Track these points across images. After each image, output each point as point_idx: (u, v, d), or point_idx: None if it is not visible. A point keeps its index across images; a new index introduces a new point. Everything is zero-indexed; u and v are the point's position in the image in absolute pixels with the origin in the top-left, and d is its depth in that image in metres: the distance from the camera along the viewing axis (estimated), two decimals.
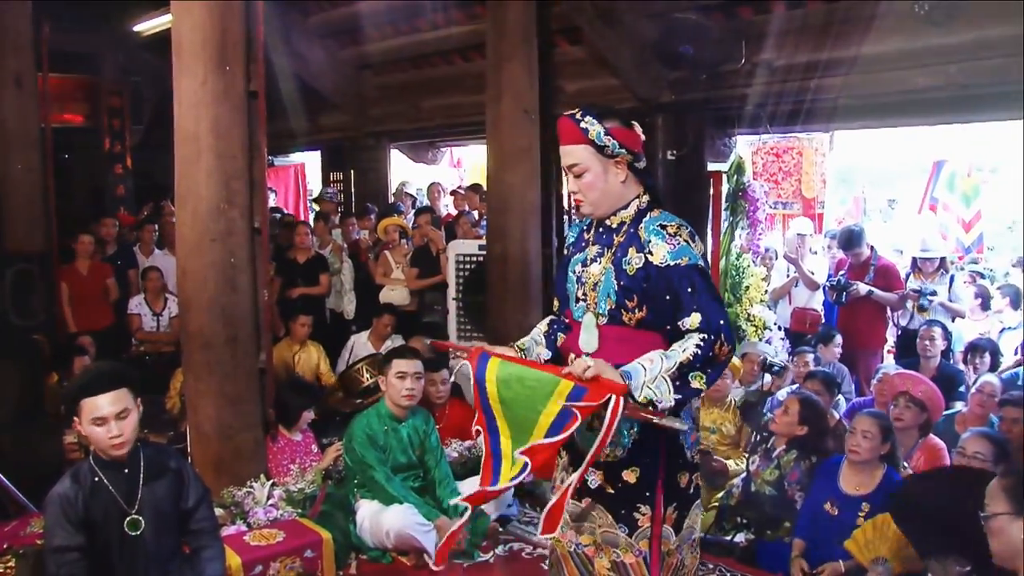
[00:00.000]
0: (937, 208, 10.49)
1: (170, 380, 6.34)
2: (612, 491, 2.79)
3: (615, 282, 2.73)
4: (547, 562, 3.09)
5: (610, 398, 2.46)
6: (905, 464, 4.55)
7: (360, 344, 7.01)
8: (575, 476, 2.58)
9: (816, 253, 7.51)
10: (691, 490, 2.88)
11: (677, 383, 2.54)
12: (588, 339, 2.79)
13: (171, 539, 3.15)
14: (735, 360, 5.54)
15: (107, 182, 10.94)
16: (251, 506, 4.35)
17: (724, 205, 7.09)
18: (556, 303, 3.08)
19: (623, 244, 2.76)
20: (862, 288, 6.47)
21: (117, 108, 10.98)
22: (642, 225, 2.75)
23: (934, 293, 6.41)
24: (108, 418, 2.88)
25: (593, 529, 2.83)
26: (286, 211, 11.68)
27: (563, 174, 2.90)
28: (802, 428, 4.61)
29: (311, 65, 9.55)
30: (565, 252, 3.04)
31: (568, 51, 7.50)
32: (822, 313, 7.13)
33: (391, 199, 10.40)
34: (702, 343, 2.58)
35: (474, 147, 11.20)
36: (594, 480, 2.80)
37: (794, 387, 5.35)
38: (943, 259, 6.73)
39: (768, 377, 5.71)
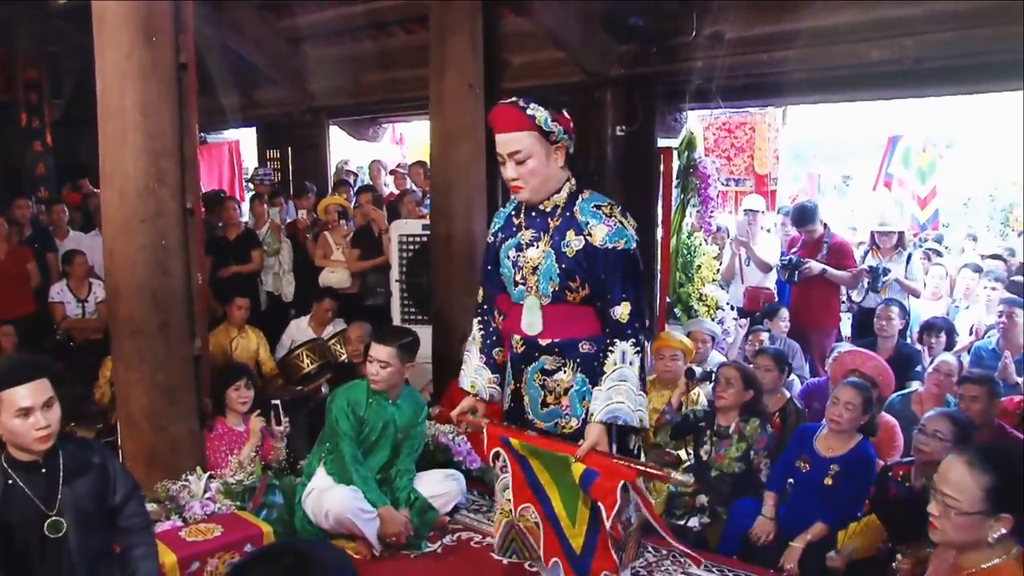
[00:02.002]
0: (892, 184, 10.59)
1: (99, 369, 6.06)
2: None
3: (556, 265, 2.85)
4: (501, 547, 3.22)
5: (624, 484, 2.72)
6: None
7: (300, 329, 6.84)
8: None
9: (768, 231, 7.46)
10: (636, 451, 3.08)
11: (644, 392, 2.81)
12: (531, 321, 2.93)
13: (98, 539, 2.98)
14: (685, 341, 5.46)
15: (25, 160, 10.44)
16: (187, 500, 4.20)
17: (675, 182, 7.03)
18: (481, 293, 3.18)
19: (560, 227, 2.87)
20: (815, 267, 6.43)
21: (34, 81, 10.45)
22: (576, 207, 2.88)
23: (887, 272, 6.39)
24: (34, 408, 2.71)
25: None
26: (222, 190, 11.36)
27: (499, 161, 2.91)
28: (748, 392, 4.65)
29: (245, 37, 9.24)
30: (491, 239, 3.11)
31: (514, 23, 7.34)
32: (775, 292, 7.08)
33: (331, 178, 10.18)
34: (639, 348, 2.81)
35: (417, 123, 11.05)
36: None
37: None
38: (901, 236, 6.73)
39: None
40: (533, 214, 2.93)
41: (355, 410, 4.34)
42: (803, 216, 6.76)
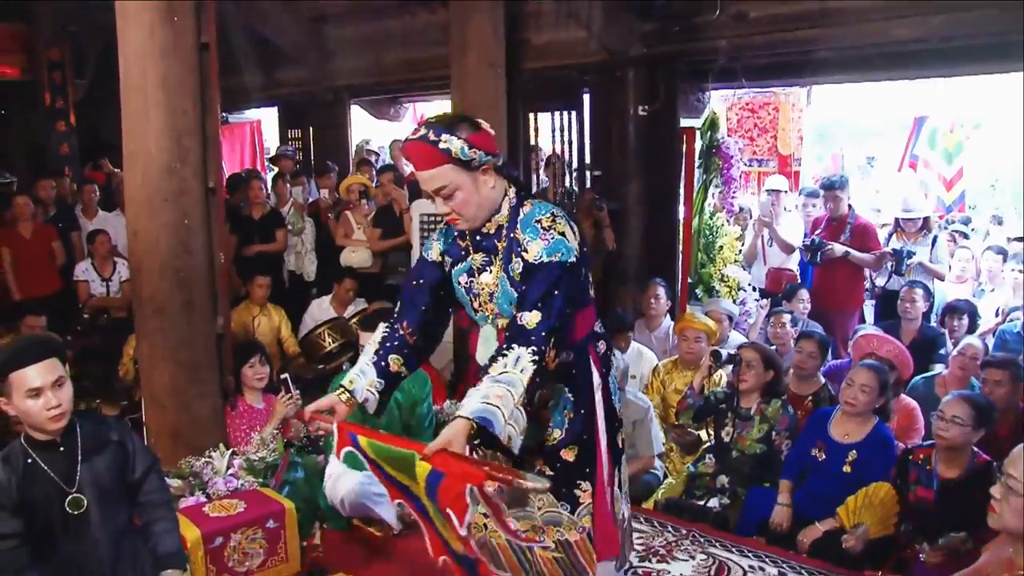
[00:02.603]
0: (917, 165, 10.43)
1: (123, 347, 6.11)
2: (552, 472, 2.77)
3: (511, 290, 2.66)
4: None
5: (472, 489, 2.32)
6: None
7: (321, 309, 6.84)
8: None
9: (790, 212, 7.39)
10: (622, 445, 2.97)
11: (528, 408, 2.48)
12: (486, 351, 2.72)
13: (120, 514, 2.98)
14: (709, 322, 5.43)
15: (49, 140, 10.47)
16: (210, 476, 4.21)
17: (697, 162, 6.98)
18: (398, 305, 2.93)
19: (507, 250, 2.68)
20: (838, 249, 6.34)
21: (57, 61, 10.43)
22: (518, 226, 2.65)
23: (912, 255, 6.32)
24: (44, 388, 2.70)
25: (532, 513, 2.83)
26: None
27: (429, 198, 2.74)
28: (768, 373, 4.62)
29: (267, 16, 9.24)
30: (431, 257, 2.89)
31: (535, 2, 7.27)
32: (797, 273, 7.03)
33: (353, 157, 10.17)
34: (536, 358, 2.47)
35: (438, 102, 11.00)
36: (534, 467, 2.80)
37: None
38: (926, 219, 6.63)
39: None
40: (478, 237, 2.75)
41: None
42: (832, 183, 6.68)
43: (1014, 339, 5.62)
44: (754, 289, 7.05)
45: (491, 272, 2.72)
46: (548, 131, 7.66)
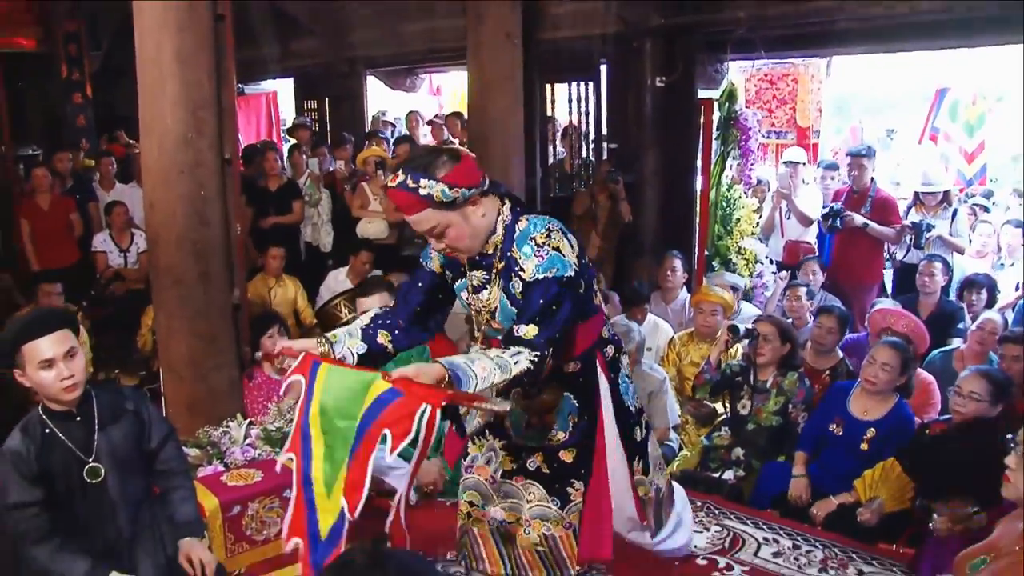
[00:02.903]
0: (938, 138, 10.28)
1: (141, 317, 6.14)
2: (548, 471, 2.89)
3: (512, 309, 2.67)
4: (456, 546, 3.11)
5: (425, 409, 2.26)
6: None
7: (338, 281, 6.84)
8: (402, 487, 2.49)
9: (808, 184, 7.33)
10: (644, 439, 3.05)
11: (504, 391, 2.57)
12: None
13: (137, 483, 3.03)
14: (725, 295, 5.41)
15: (66, 112, 10.48)
16: (228, 446, 4.22)
17: (715, 134, 6.93)
18: (395, 298, 3.00)
19: (504, 271, 2.66)
20: (857, 219, 6.28)
21: (74, 32, 10.42)
22: (514, 244, 2.61)
23: (931, 228, 6.26)
24: (56, 359, 2.73)
25: (520, 505, 2.91)
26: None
27: (423, 237, 2.71)
28: (785, 346, 4.60)
29: None
30: (431, 267, 2.88)
31: None
32: (816, 246, 6.97)
33: (368, 129, 10.15)
34: (536, 360, 2.48)
35: (454, 73, 10.96)
36: (532, 462, 2.90)
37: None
38: (946, 192, 6.55)
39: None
40: (476, 256, 2.72)
41: None
42: (859, 152, 6.59)
43: None
44: (771, 262, 7.01)
45: (489, 291, 2.72)
46: (565, 102, 7.62)
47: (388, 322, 2.88)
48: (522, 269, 2.57)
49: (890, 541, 3.81)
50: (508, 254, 2.62)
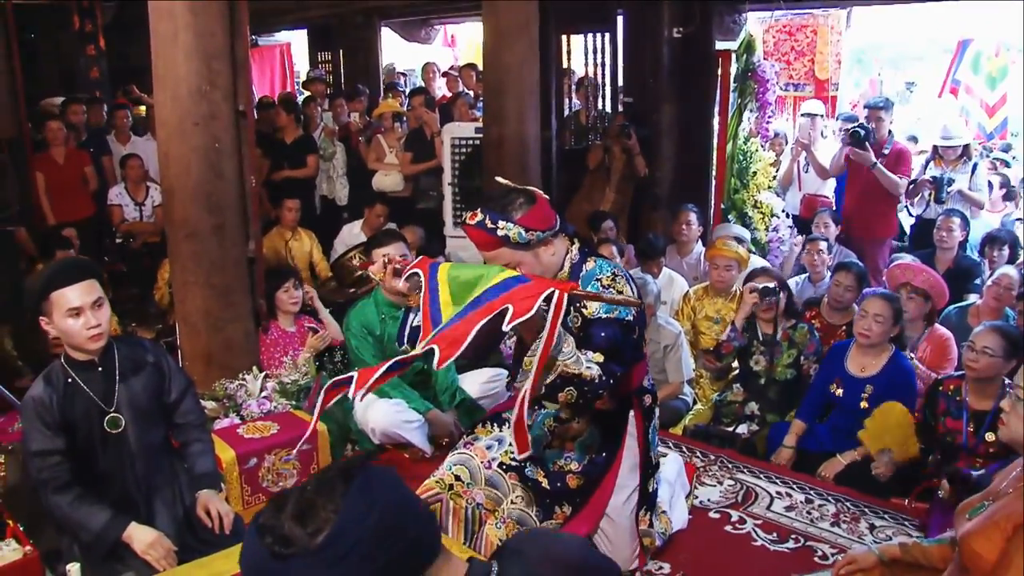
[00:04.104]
0: (959, 91, 10.12)
1: (157, 271, 6.17)
2: (547, 487, 2.98)
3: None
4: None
5: (552, 292, 2.38)
6: (912, 354, 4.52)
7: (352, 234, 6.83)
8: (527, 386, 2.45)
9: (827, 137, 7.25)
10: (655, 492, 3.18)
11: (558, 381, 2.57)
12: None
13: (156, 434, 3.07)
14: (740, 250, 5.37)
15: (79, 64, 10.44)
16: (244, 399, 4.29)
17: (732, 86, 6.83)
18: None
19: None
20: (868, 157, 6.15)
21: None
22: (579, 283, 2.73)
23: (952, 182, 6.18)
24: (84, 308, 2.77)
25: (501, 499, 2.98)
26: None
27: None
28: (783, 296, 4.59)
29: None
30: None
31: None
32: (833, 200, 6.91)
33: (383, 81, 10.09)
34: (600, 381, 2.61)
35: (469, 24, 10.85)
36: (532, 472, 2.99)
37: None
38: (966, 146, 6.45)
39: None
40: None
41: (371, 331, 4.33)
42: (877, 104, 6.49)
43: None
44: (787, 215, 6.95)
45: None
46: (580, 53, 7.53)
47: None
48: (584, 307, 2.71)
49: (903, 495, 3.82)
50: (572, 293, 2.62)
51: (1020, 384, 2.41)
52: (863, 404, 4.11)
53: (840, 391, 4.19)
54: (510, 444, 2.96)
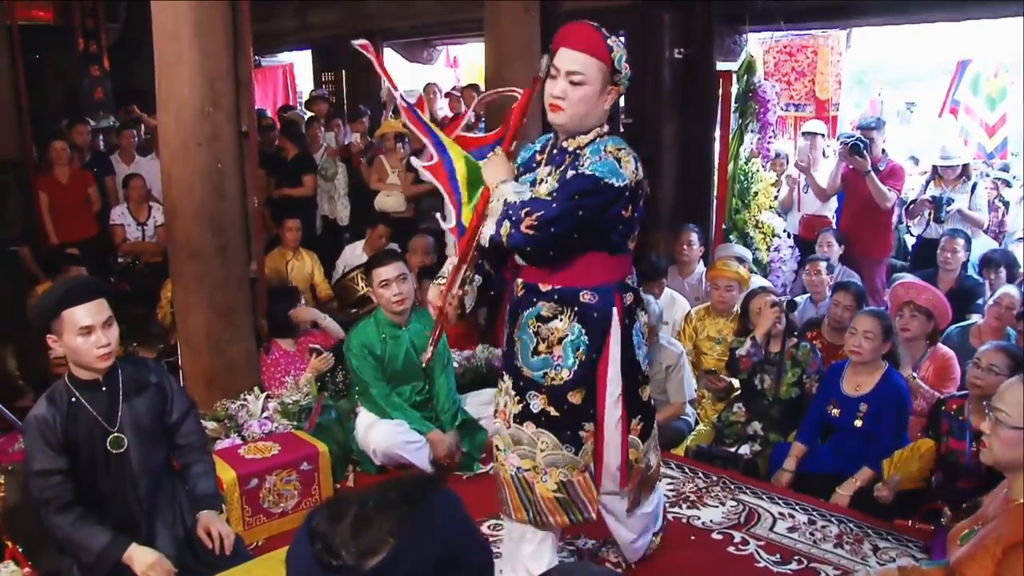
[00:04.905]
0: (959, 111, 10.15)
1: (160, 291, 6.17)
2: (557, 413, 2.88)
3: None
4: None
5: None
6: (914, 374, 4.52)
7: (354, 254, 6.86)
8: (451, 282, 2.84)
9: (828, 158, 7.26)
10: (650, 402, 3.09)
11: (500, 217, 2.67)
12: None
13: (158, 455, 3.07)
14: (741, 271, 5.38)
15: (83, 85, 10.49)
16: (245, 419, 4.28)
17: (733, 107, 6.84)
18: None
19: (569, 165, 2.77)
20: (864, 164, 6.13)
21: (91, 5, 10.41)
22: (590, 148, 2.76)
23: (951, 202, 6.20)
24: (95, 327, 2.78)
25: (533, 453, 2.91)
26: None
27: (549, 76, 2.74)
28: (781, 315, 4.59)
29: None
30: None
31: None
32: (833, 220, 6.91)
33: (385, 101, 10.13)
34: (521, 201, 2.65)
35: (471, 46, 10.89)
36: (536, 404, 2.89)
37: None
38: (965, 165, 6.47)
39: None
40: (555, 152, 2.86)
41: (372, 351, 4.31)
42: (868, 125, 6.48)
43: None
44: (788, 235, 6.96)
45: (548, 183, 2.79)
46: None
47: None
48: (581, 164, 2.70)
49: (906, 517, 3.81)
50: (579, 152, 2.76)
51: (1000, 406, 2.41)
52: (857, 423, 4.10)
53: (836, 411, 4.19)
54: (512, 391, 2.96)
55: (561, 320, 2.84)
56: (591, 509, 2.94)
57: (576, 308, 2.83)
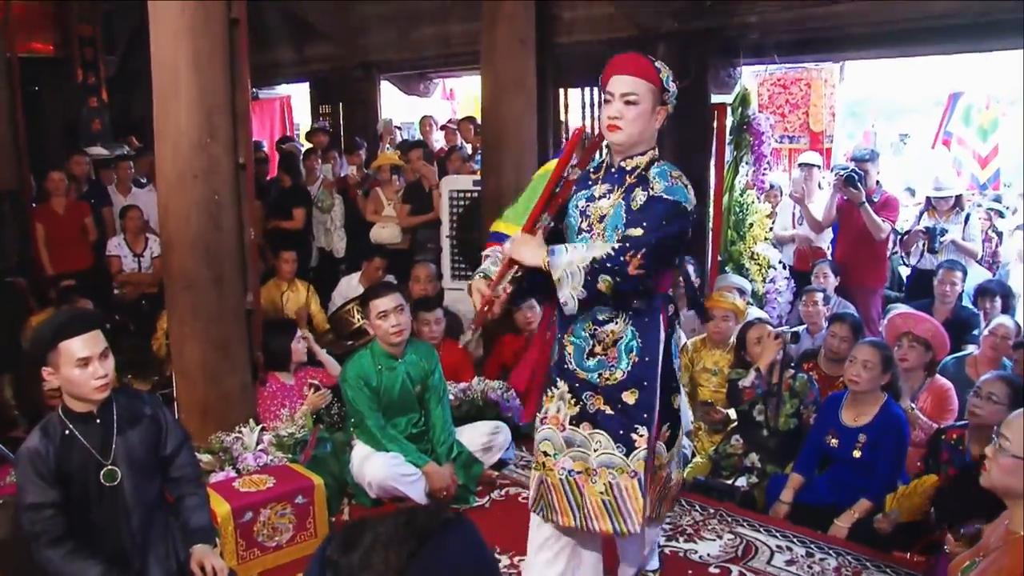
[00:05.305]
0: (951, 143, 10.20)
1: (156, 322, 6.16)
2: (612, 412, 2.98)
3: (624, 215, 2.91)
4: (534, 500, 3.16)
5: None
6: (912, 405, 4.53)
7: (351, 286, 6.85)
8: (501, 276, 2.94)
9: (822, 190, 7.29)
10: (680, 411, 3.19)
11: (588, 278, 2.76)
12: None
13: (152, 488, 3.05)
14: (737, 302, 5.39)
15: (82, 116, 10.51)
16: (240, 452, 4.27)
17: (728, 139, 6.88)
18: None
19: (633, 185, 2.95)
20: (858, 195, 6.15)
21: (89, 37, 10.47)
22: (652, 169, 2.96)
23: (944, 233, 6.22)
24: (92, 358, 2.78)
25: (587, 455, 2.99)
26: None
27: (604, 102, 2.96)
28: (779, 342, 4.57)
29: None
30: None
31: None
32: (828, 252, 6.93)
33: (381, 134, 10.18)
34: (616, 248, 2.78)
35: (468, 78, 10.95)
36: (592, 404, 2.99)
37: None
38: (958, 196, 6.50)
39: None
40: (612, 170, 3.03)
41: (367, 383, 4.31)
42: (862, 156, 6.52)
43: None
44: (784, 267, 6.97)
45: (609, 199, 2.98)
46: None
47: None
48: (652, 187, 2.90)
49: (904, 550, 3.79)
50: (644, 175, 2.95)
51: (1005, 433, 2.43)
52: (856, 453, 4.09)
53: (835, 441, 4.18)
54: (568, 395, 3.04)
55: (616, 323, 2.97)
56: (636, 521, 2.97)
57: (630, 312, 2.97)
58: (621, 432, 2.96)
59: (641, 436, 2.96)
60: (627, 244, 2.78)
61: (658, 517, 3.26)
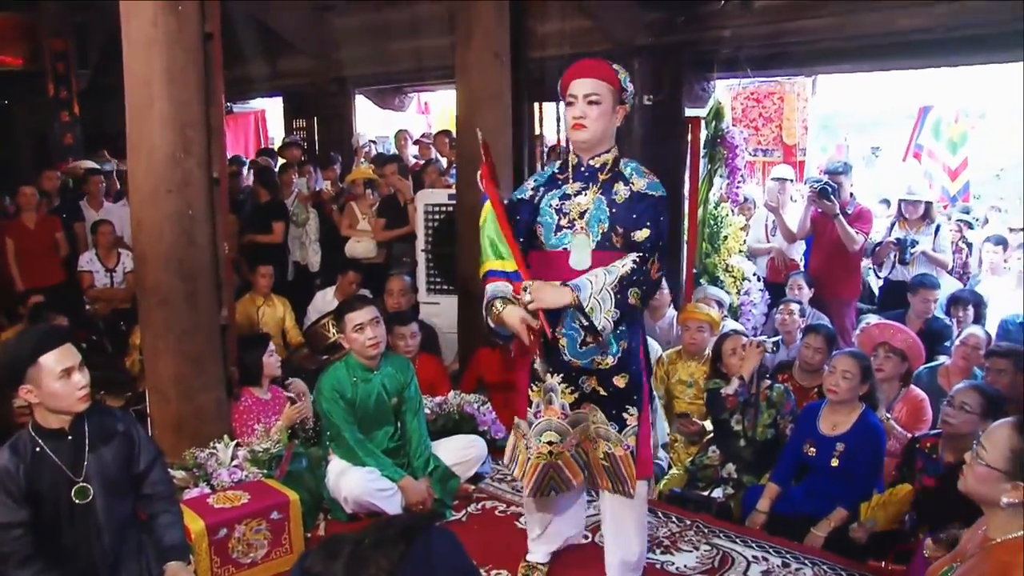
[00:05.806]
0: (922, 156, 10.34)
1: (129, 338, 6.11)
2: (605, 394, 3.23)
3: (607, 208, 3.11)
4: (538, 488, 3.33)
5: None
6: (888, 415, 4.55)
7: (326, 300, 6.82)
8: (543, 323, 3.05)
9: (796, 201, 7.36)
10: (650, 393, 3.43)
11: (618, 296, 2.98)
12: (581, 258, 3.15)
13: (124, 505, 3.03)
14: (712, 313, 5.42)
15: (53, 130, 10.45)
16: (214, 468, 4.21)
17: (702, 152, 6.94)
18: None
19: (609, 180, 3.17)
20: (832, 208, 6.22)
21: (61, 51, 10.42)
22: (622, 165, 3.21)
23: (915, 244, 6.29)
24: (74, 368, 2.78)
25: (588, 427, 3.27)
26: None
27: (567, 104, 3.15)
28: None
29: (270, 5, 9.20)
30: (526, 195, 3.34)
31: None
32: (801, 263, 6.99)
33: (356, 148, 10.17)
34: (638, 260, 3.03)
35: (443, 92, 10.97)
36: (587, 385, 3.23)
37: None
38: (928, 207, 6.57)
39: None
40: (582, 168, 3.21)
41: (342, 395, 4.29)
42: (836, 169, 6.58)
43: (1017, 329, 5.59)
44: (758, 279, 7.01)
45: (587, 195, 3.17)
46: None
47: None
48: (632, 183, 3.13)
49: (879, 558, 3.81)
50: (617, 170, 3.18)
51: (984, 442, 2.46)
52: (834, 462, 4.11)
53: (813, 450, 4.19)
54: (562, 384, 3.23)
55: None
56: (631, 487, 3.23)
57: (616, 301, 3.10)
58: (614, 412, 3.23)
59: (632, 415, 3.22)
60: (644, 253, 3.03)
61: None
